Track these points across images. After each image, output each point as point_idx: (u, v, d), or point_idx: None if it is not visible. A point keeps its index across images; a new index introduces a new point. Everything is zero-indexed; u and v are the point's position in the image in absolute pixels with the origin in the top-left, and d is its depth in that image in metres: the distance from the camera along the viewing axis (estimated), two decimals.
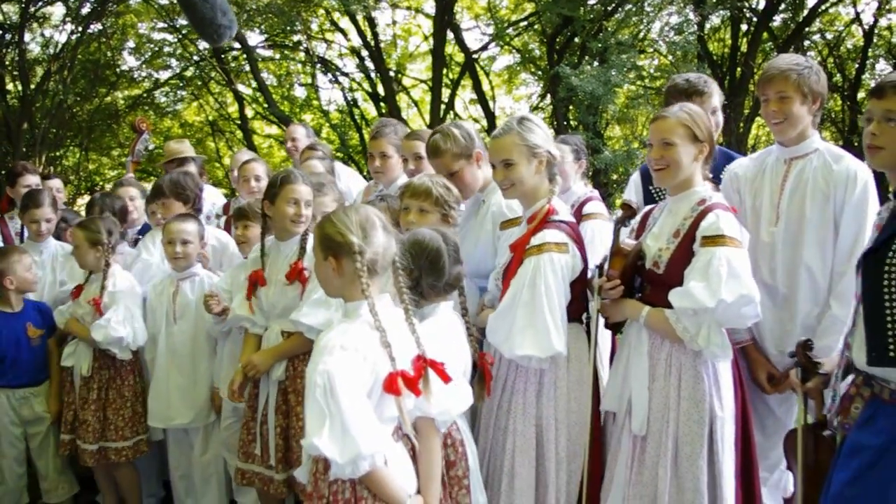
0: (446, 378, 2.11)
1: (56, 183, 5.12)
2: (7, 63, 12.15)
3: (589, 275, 2.83)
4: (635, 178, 3.45)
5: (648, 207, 2.91)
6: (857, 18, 12.76)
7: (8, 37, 12.21)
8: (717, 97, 3.21)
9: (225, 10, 2.11)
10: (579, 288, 2.74)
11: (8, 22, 12.25)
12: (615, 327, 2.79)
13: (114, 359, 3.65)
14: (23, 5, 11.63)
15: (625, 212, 2.75)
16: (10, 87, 12.74)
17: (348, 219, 2.09)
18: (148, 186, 4.58)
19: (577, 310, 2.77)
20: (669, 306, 2.49)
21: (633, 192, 3.42)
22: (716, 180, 2.92)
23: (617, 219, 2.75)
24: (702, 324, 2.45)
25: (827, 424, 2.31)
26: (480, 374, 2.59)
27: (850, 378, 2.18)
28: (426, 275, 2.43)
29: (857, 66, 13.00)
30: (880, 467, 2.01)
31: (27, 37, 12.59)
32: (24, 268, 3.83)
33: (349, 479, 1.98)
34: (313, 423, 1.90)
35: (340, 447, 1.88)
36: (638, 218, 2.88)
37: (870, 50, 12.67)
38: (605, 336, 3.12)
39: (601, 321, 2.74)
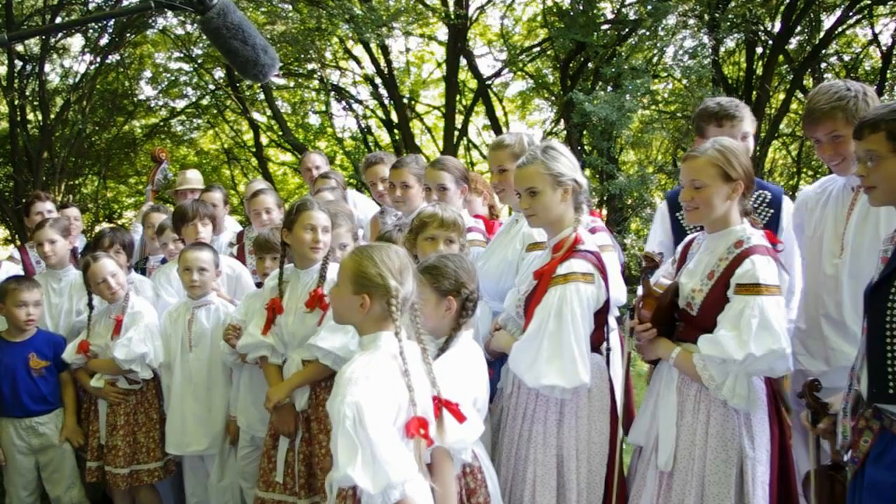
0: (461, 418, 2.13)
1: (73, 211, 5.16)
2: (28, 93, 12.36)
3: (611, 306, 2.79)
4: (662, 208, 3.30)
5: (690, 237, 2.81)
6: (874, 40, 12.68)
7: (29, 68, 12.43)
8: (748, 122, 3.09)
9: (266, 48, 2.09)
10: (602, 318, 2.70)
11: (29, 53, 12.47)
12: (652, 361, 2.74)
13: (139, 383, 3.74)
14: (43, 37, 11.84)
15: (647, 263, 2.68)
16: (30, 116, 12.94)
17: (391, 262, 2.14)
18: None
19: (597, 339, 2.73)
20: None
21: (659, 226, 3.28)
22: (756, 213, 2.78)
23: (642, 268, 2.69)
24: (728, 373, 2.39)
25: (841, 464, 2.23)
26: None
27: (859, 411, 2.12)
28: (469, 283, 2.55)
29: (875, 87, 12.89)
30: None
31: (47, 67, 12.82)
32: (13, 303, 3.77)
33: None
34: (345, 455, 1.93)
35: (372, 477, 1.91)
36: (679, 248, 2.82)
37: (888, 71, 12.58)
38: (616, 365, 3.07)
39: (622, 356, 2.71)
